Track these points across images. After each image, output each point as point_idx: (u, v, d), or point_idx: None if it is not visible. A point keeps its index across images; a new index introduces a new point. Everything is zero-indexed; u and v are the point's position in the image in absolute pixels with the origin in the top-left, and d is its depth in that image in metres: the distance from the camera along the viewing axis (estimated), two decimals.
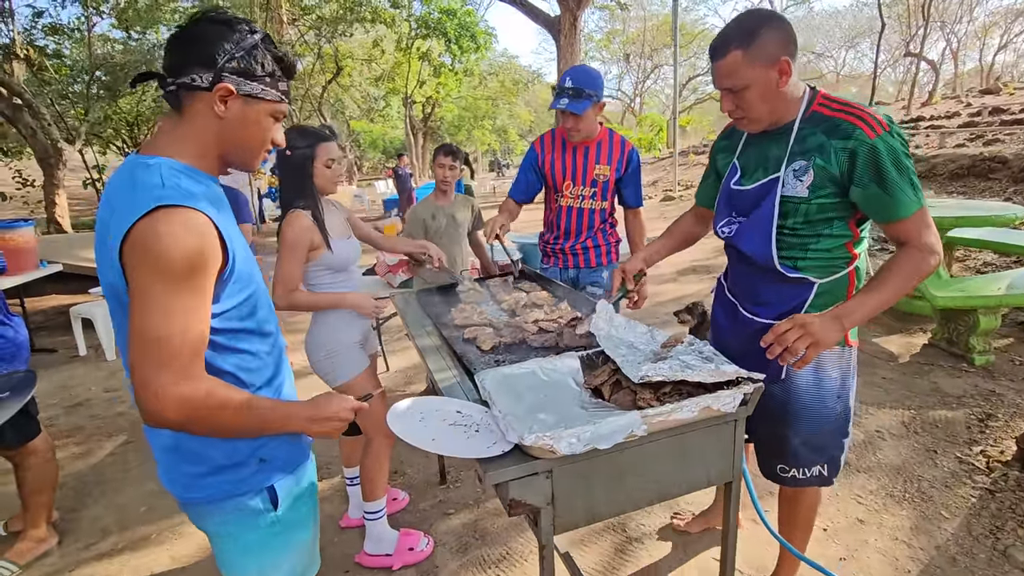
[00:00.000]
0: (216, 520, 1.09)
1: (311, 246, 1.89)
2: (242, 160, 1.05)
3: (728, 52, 1.28)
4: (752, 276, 1.50)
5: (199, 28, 0.96)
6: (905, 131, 12.24)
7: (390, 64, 23.41)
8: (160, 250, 0.86)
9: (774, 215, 1.35)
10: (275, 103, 1.03)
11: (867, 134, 1.24)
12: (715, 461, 1.27)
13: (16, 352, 2.18)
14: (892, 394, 3.15)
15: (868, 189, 1.25)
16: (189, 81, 0.94)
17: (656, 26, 32.39)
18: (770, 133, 1.40)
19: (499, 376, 1.36)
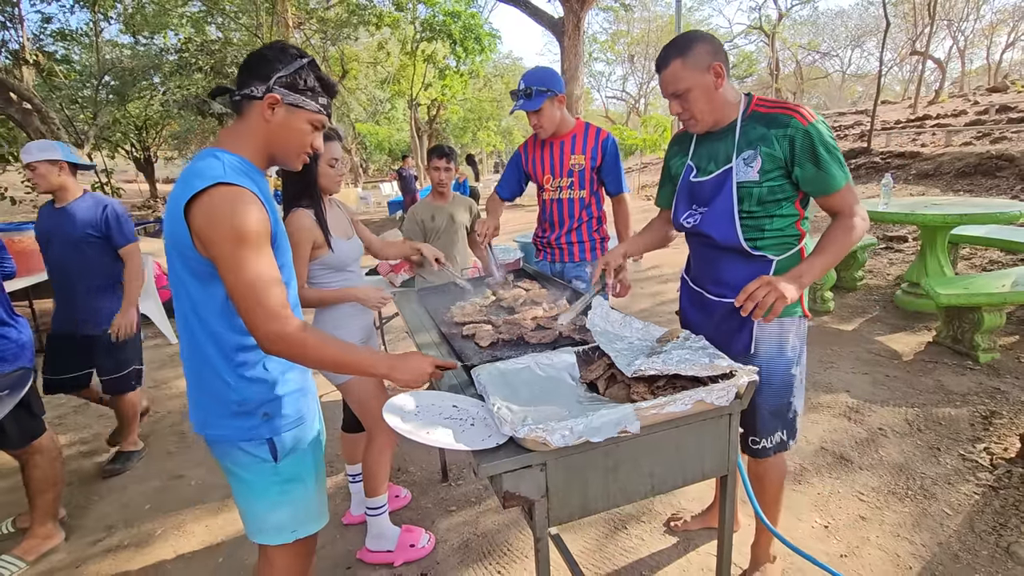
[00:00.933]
0: (228, 459, 1.32)
1: (314, 245, 1.91)
2: (284, 158, 1.29)
3: (670, 62, 1.51)
4: (716, 260, 1.66)
5: (260, 52, 1.23)
6: (911, 129, 12.13)
7: (395, 67, 23.51)
8: (230, 220, 1.10)
9: (734, 199, 1.53)
10: (314, 113, 1.26)
11: (800, 122, 1.44)
12: (710, 455, 1.28)
13: (19, 352, 2.21)
14: (896, 392, 3.14)
15: (806, 169, 1.46)
16: (248, 92, 1.21)
17: (661, 27, 32.34)
18: (716, 133, 1.60)
19: (495, 371, 1.37)
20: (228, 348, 1.24)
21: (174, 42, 14.53)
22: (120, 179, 14.96)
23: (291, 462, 1.35)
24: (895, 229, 6.73)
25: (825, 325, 4.23)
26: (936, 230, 4.12)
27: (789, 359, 1.61)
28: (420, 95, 24.18)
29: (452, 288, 2.52)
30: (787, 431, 1.68)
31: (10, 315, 2.24)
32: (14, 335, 2.21)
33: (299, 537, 1.40)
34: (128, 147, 19.63)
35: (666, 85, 1.53)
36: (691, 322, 1.80)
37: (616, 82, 40.08)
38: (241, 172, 1.18)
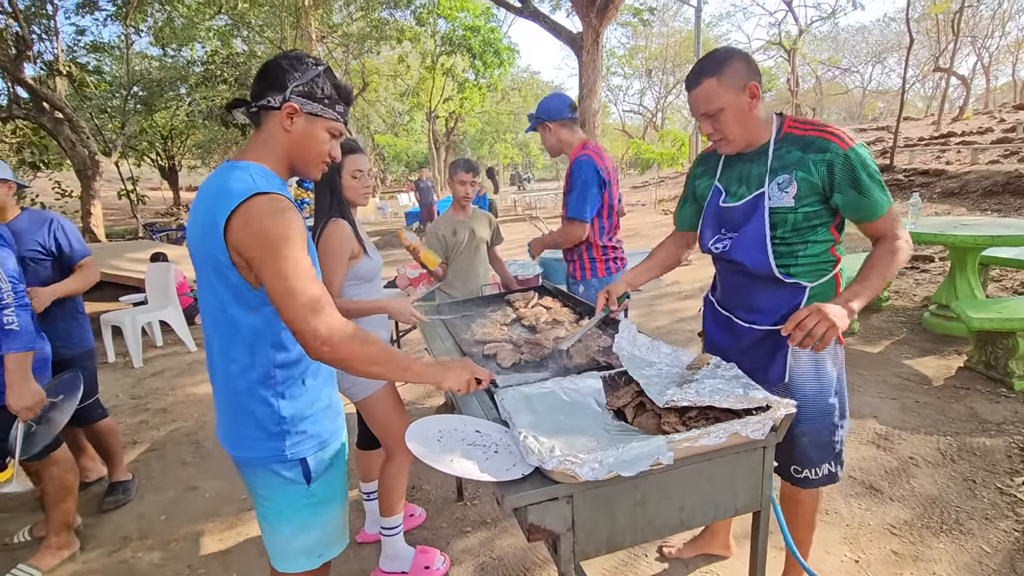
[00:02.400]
0: (257, 482, 1.29)
1: (352, 254, 1.90)
2: (304, 168, 1.28)
3: (702, 81, 1.43)
4: (747, 286, 1.59)
5: (275, 62, 1.21)
6: (935, 146, 11.89)
7: (415, 80, 23.83)
8: (272, 224, 1.09)
9: (766, 226, 1.47)
10: (332, 121, 1.25)
11: (840, 146, 1.39)
12: (743, 488, 1.23)
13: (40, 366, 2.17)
14: (926, 419, 3.03)
15: (847, 195, 1.40)
16: (265, 103, 1.19)
17: (679, 42, 32.40)
18: (747, 155, 1.53)
19: (519, 395, 1.34)
20: (267, 366, 1.22)
21: (200, 54, 14.93)
22: (145, 187, 15.29)
23: (323, 484, 1.33)
24: (921, 248, 6.58)
25: (850, 347, 4.12)
26: (966, 251, 4.01)
27: (827, 387, 1.54)
28: (439, 107, 24.45)
29: (472, 304, 2.50)
30: (835, 461, 1.60)
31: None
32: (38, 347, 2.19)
33: (324, 560, 1.38)
34: (154, 155, 20.09)
35: (698, 104, 1.46)
36: (718, 346, 1.74)
37: (633, 96, 40.23)
38: (273, 182, 1.18)
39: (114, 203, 14.95)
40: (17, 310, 1.92)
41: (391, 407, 2.02)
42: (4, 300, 1.91)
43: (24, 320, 1.93)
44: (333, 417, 1.37)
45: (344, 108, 1.28)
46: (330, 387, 1.38)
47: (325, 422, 1.33)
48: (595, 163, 2.45)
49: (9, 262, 1.96)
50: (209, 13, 14.53)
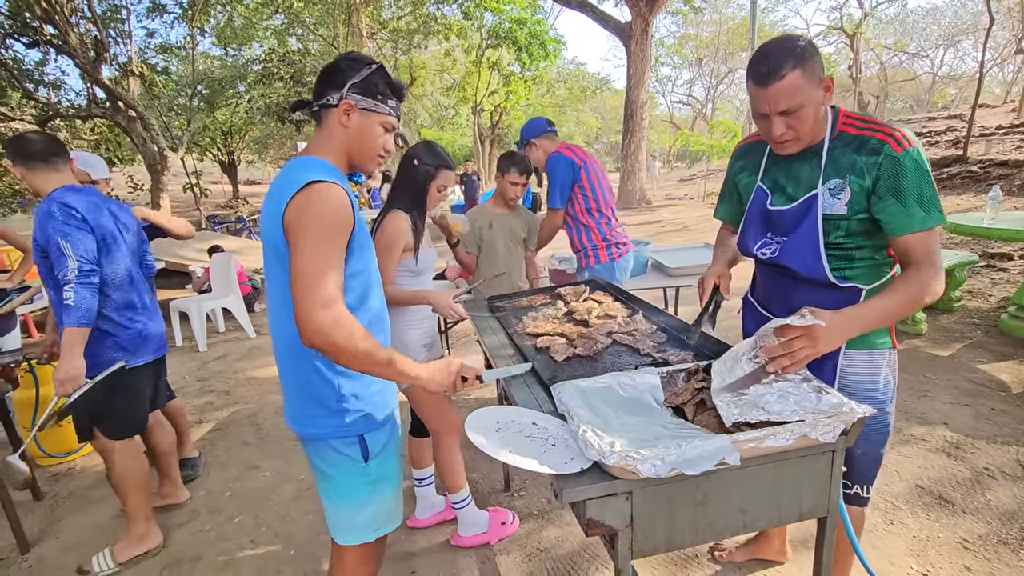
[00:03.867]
0: (319, 458, 1.38)
1: (405, 247, 1.97)
2: (361, 161, 1.35)
3: (786, 73, 1.24)
4: (797, 290, 1.48)
5: (334, 64, 1.30)
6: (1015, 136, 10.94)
7: (461, 74, 23.99)
8: (314, 210, 1.17)
9: (819, 232, 1.36)
10: (385, 115, 1.32)
11: (894, 148, 1.26)
12: (809, 493, 1.18)
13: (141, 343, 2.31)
14: (1004, 428, 2.83)
15: (885, 201, 1.28)
16: (325, 101, 1.28)
17: (732, 29, 31.24)
18: (798, 154, 1.39)
19: (576, 389, 1.33)
20: None
21: (258, 53, 15.52)
22: (207, 180, 16.09)
23: (380, 463, 1.41)
24: (998, 245, 6.13)
25: (918, 350, 3.89)
26: None
27: (883, 396, 1.43)
28: (484, 101, 24.54)
29: (522, 298, 2.51)
30: (873, 478, 1.52)
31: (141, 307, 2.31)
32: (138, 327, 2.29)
33: (380, 535, 1.46)
34: (215, 151, 21.09)
35: (778, 99, 1.26)
36: None
37: (682, 86, 39.07)
38: (332, 174, 1.24)
39: (179, 196, 15.83)
40: (78, 287, 1.99)
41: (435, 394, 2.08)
42: (67, 277, 1.99)
43: (82, 297, 1.99)
44: (388, 400, 1.44)
45: (396, 103, 1.34)
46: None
47: (380, 403, 1.40)
48: (565, 156, 2.82)
49: (84, 243, 2.06)
50: (267, 13, 15.08)
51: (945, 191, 9.81)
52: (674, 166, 30.92)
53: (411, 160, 2.04)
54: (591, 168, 2.83)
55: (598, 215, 2.84)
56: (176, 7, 12.75)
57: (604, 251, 2.86)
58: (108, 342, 2.22)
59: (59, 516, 2.74)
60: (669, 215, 13.15)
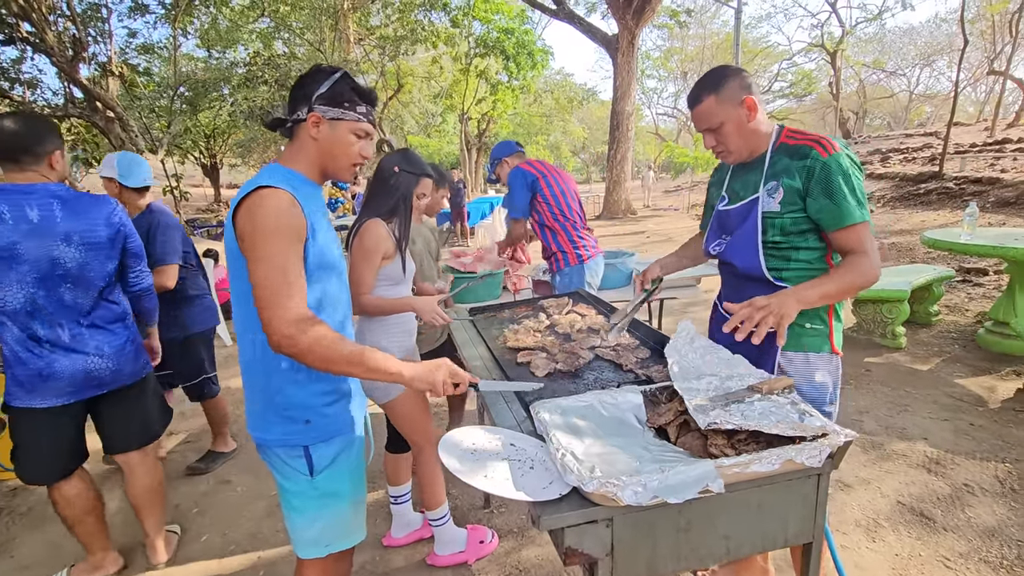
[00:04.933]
0: (270, 464, 1.37)
1: (385, 255, 1.91)
2: (335, 171, 1.34)
3: (702, 99, 1.52)
4: (742, 288, 1.63)
5: (299, 80, 1.30)
6: (989, 153, 11.28)
7: (449, 82, 24.01)
8: (260, 213, 1.15)
9: (758, 229, 1.52)
10: (355, 122, 1.30)
11: (821, 153, 1.42)
12: (794, 518, 1.15)
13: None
14: (982, 444, 2.85)
15: (818, 200, 1.43)
16: (296, 117, 1.28)
17: (717, 44, 31.80)
18: (748, 164, 1.60)
19: (556, 408, 1.29)
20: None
21: (243, 56, 15.36)
22: (187, 184, 15.81)
23: (328, 477, 1.36)
24: (974, 261, 6.24)
25: (898, 364, 3.92)
26: None
27: (819, 395, 1.55)
28: (471, 109, 24.58)
29: (504, 310, 2.46)
30: None
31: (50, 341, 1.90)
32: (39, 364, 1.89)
33: (332, 552, 1.41)
34: (197, 154, 20.78)
35: (700, 120, 1.56)
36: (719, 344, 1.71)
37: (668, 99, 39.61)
38: (286, 180, 1.23)
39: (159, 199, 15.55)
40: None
41: (415, 406, 2.04)
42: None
43: None
44: (342, 413, 1.39)
45: (367, 108, 1.33)
46: (343, 382, 1.39)
47: (332, 416, 1.36)
48: (522, 169, 2.94)
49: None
50: (252, 16, 14.94)
51: (921, 207, 10.02)
52: (659, 177, 31.23)
53: (391, 167, 2.00)
54: (551, 179, 2.96)
55: (563, 219, 2.95)
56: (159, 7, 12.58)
57: (573, 254, 2.94)
58: (9, 373, 1.90)
59: (15, 533, 2.60)
60: (654, 226, 13.24)
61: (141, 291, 2.19)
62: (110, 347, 1.99)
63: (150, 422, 2.23)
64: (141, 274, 2.17)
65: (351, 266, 1.89)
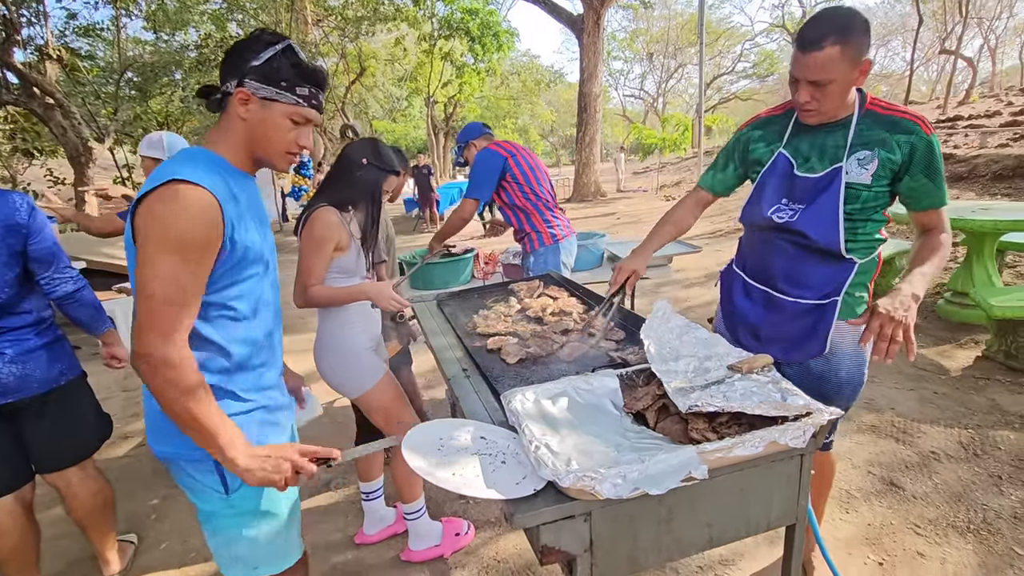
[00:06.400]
0: (180, 482, 1.19)
1: (337, 245, 1.78)
2: (268, 159, 1.15)
3: (826, 45, 1.28)
4: (801, 260, 1.53)
5: (234, 47, 1.11)
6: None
7: (413, 64, 23.44)
8: (162, 216, 0.97)
9: (840, 200, 1.42)
10: (291, 106, 1.11)
11: (924, 131, 1.36)
12: (777, 501, 1.11)
13: None
14: (946, 411, 2.92)
15: (917, 179, 1.39)
16: (225, 89, 1.10)
17: (681, 24, 31.88)
18: (826, 125, 1.46)
19: (528, 397, 1.21)
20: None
21: (195, 38, 14.62)
22: (141, 175, 15.08)
23: (245, 495, 1.18)
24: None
25: None
26: (985, 236, 3.87)
27: (864, 357, 1.55)
28: (437, 92, 24.09)
29: (473, 295, 2.37)
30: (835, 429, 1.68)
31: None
32: None
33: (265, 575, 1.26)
34: None
35: (810, 68, 1.31)
36: (746, 320, 1.67)
37: (634, 80, 39.69)
38: (209, 170, 1.04)
39: None
40: None
41: (391, 397, 1.95)
42: None
43: None
44: (265, 421, 1.20)
45: (311, 90, 1.13)
46: (260, 393, 1.20)
47: (253, 426, 1.17)
48: (489, 150, 2.83)
49: None
50: None
51: None
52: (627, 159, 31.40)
53: (358, 158, 1.87)
54: (520, 158, 2.84)
55: (535, 199, 2.85)
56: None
57: (547, 234, 2.85)
58: None
59: None
60: (624, 207, 13.28)
61: (60, 299, 1.89)
62: (14, 351, 1.77)
63: (82, 434, 1.99)
64: (54, 281, 1.86)
65: (300, 255, 1.76)
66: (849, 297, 1.50)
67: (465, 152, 3.02)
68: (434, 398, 3.59)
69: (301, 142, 1.15)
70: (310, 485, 2.65)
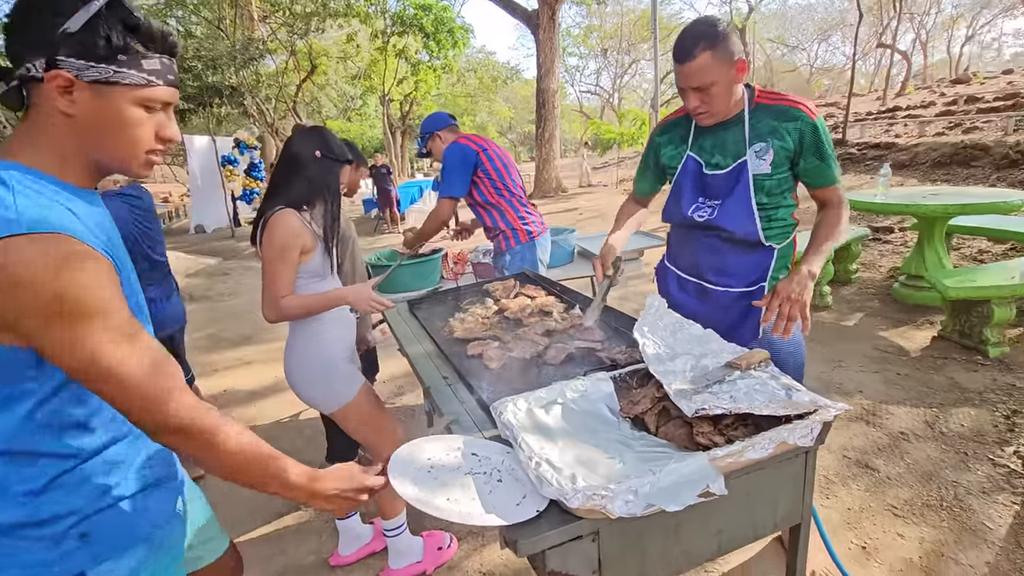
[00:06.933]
0: None
1: (302, 248, 1.65)
2: (120, 164, 0.84)
3: (697, 54, 1.39)
4: (724, 252, 1.63)
5: (26, 4, 0.75)
6: (883, 121, 12.25)
7: (366, 62, 22.92)
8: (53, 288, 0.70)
9: (751, 192, 1.51)
10: (140, 88, 0.80)
11: (809, 116, 1.47)
12: (783, 501, 1.07)
13: None
14: (910, 392, 3.01)
15: (810, 162, 1.50)
16: (25, 73, 0.75)
17: (633, 20, 32.36)
18: (722, 124, 1.55)
19: (520, 407, 1.13)
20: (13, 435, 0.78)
21: None
22: None
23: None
24: (881, 220, 6.69)
25: (827, 322, 4.10)
26: (935, 220, 4.03)
27: (798, 348, 1.61)
28: (392, 90, 23.65)
29: (447, 298, 2.27)
30: None
31: None
32: None
33: None
34: None
35: (690, 77, 1.42)
36: (690, 312, 1.62)
37: (590, 76, 40.09)
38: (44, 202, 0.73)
39: None
40: None
41: (370, 408, 1.83)
42: None
43: None
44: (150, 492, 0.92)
45: (162, 61, 0.82)
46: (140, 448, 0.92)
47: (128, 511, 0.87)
48: (460, 144, 2.68)
49: None
50: None
51: None
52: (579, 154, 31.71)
53: (310, 152, 1.72)
54: (492, 152, 2.72)
55: (508, 194, 2.74)
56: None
57: (523, 231, 2.74)
58: None
59: None
60: (585, 202, 13.35)
61: None
62: None
63: None
64: None
65: (265, 266, 1.61)
66: (774, 281, 1.59)
67: (430, 143, 2.83)
68: (404, 405, 3.47)
69: (164, 134, 0.85)
70: (278, 506, 2.50)
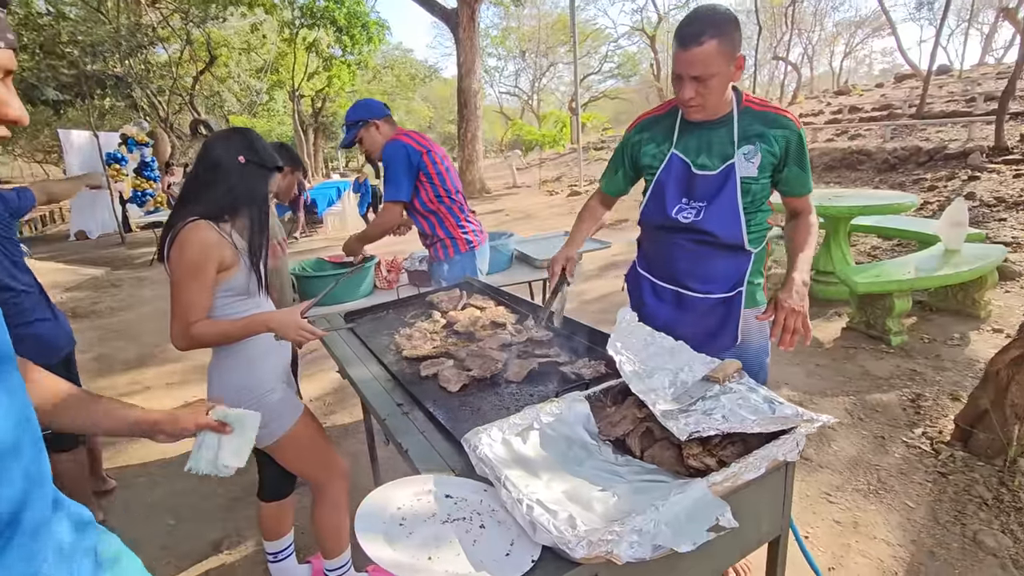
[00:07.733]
0: None
1: (220, 265, 1.42)
2: None
3: (705, 40, 1.31)
4: (707, 256, 1.58)
5: None
6: None
7: (273, 54, 21.61)
8: None
9: (738, 196, 1.48)
10: None
11: (796, 125, 1.48)
12: (766, 516, 1.05)
13: None
14: (828, 381, 3.22)
15: (792, 170, 1.51)
16: None
17: (550, 24, 33.01)
18: (709, 123, 1.50)
19: (495, 437, 1.03)
20: None
21: None
22: None
23: None
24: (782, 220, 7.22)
25: None
26: (840, 220, 4.37)
27: (768, 343, 1.65)
28: (303, 86, 22.49)
29: (386, 311, 2.11)
30: None
31: None
32: None
33: None
34: None
35: (692, 64, 1.34)
36: (662, 321, 1.63)
37: (509, 78, 40.41)
38: None
39: None
40: None
41: (309, 438, 1.64)
42: None
43: None
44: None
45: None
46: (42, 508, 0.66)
47: None
48: (404, 143, 2.44)
49: None
50: None
51: None
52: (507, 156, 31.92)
53: (232, 156, 1.49)
54: (435, 154, 2.52)
55: (448, 201, 2.57)
56: None
57: (462, 240, 2.58)
58: None
59: None
60: (511, 204, 13.37)
61: None
62: None
63: None
64: None
65: (173, 286, 1.38)
66: (750, 285, 1.59)
67: (362, 132, 2.51)
68: (335, 424, 3.23)
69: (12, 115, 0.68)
70: (194, 548, 2.22)
